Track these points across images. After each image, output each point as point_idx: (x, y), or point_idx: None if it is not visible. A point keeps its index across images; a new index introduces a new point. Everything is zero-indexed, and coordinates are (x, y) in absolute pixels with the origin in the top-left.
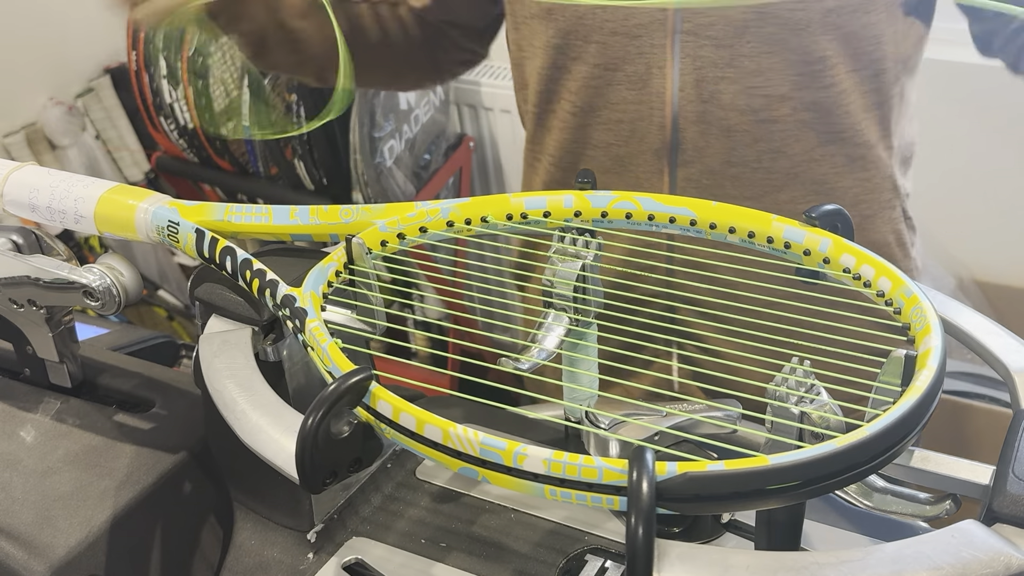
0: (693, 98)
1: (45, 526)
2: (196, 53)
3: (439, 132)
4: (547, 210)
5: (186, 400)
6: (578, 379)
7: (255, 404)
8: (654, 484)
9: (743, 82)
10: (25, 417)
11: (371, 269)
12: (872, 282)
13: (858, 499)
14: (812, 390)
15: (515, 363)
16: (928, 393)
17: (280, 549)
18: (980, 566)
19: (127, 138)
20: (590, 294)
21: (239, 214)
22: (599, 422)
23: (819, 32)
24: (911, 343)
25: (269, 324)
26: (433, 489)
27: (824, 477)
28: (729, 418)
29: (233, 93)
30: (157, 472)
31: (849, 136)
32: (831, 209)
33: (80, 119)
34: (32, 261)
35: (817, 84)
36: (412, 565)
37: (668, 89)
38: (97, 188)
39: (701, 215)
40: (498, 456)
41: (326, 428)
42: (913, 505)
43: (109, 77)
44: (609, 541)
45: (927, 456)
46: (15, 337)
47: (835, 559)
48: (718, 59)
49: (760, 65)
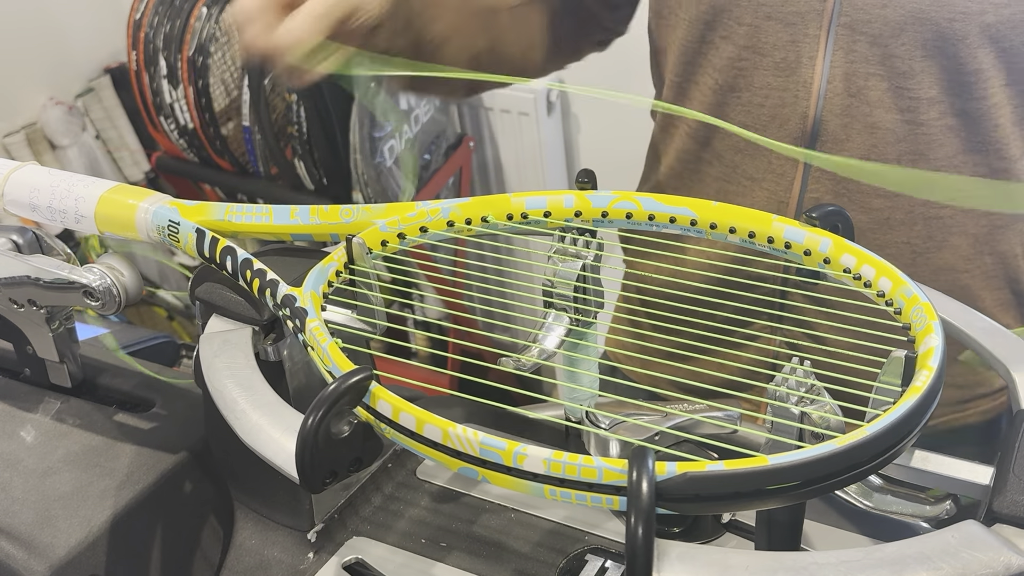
0: (841, 91)
1: (45, 526)
2: (196, 53)
3: (439, 132)
4: (547, 210)
5: (186, 400)
6: (578, 379)
7: (255, 404)
8: (654, 484)
9: (893, 81)
10: (25, 417)
11: (371, 269)
12: (872, 282)
13: (858, 499)
14: (812, 390)
15: (515, 363)
16: (928, 393)
17: (280, 549)
18: (980, 566)
19: (127, 138)
20: (590, 294)
21: (239, 214)
22: (599, 422)
23: (976, 45)
24: (911, 343)
25: (269, 324)
26: (433, 489)
27: (824, 477)
28: (729, 418)
29: (233, 93)
30: (157, 472)
31: (994, 148)
32: (831, 209)
33: (80, 119)
34: (32, 261)
35: (968, 95)
36: (412, 565)
37: (816, 80)
38: (98, 188)
39: (701, 215)
40: (498, 456)
41: (326, 428)
42: (913, 505)
43: (109, 77)
44: (609, 541)
45: (927, 456)
46: (15, 337)
47: (835, 559)
48: (871, 56)
49: (912, 68)
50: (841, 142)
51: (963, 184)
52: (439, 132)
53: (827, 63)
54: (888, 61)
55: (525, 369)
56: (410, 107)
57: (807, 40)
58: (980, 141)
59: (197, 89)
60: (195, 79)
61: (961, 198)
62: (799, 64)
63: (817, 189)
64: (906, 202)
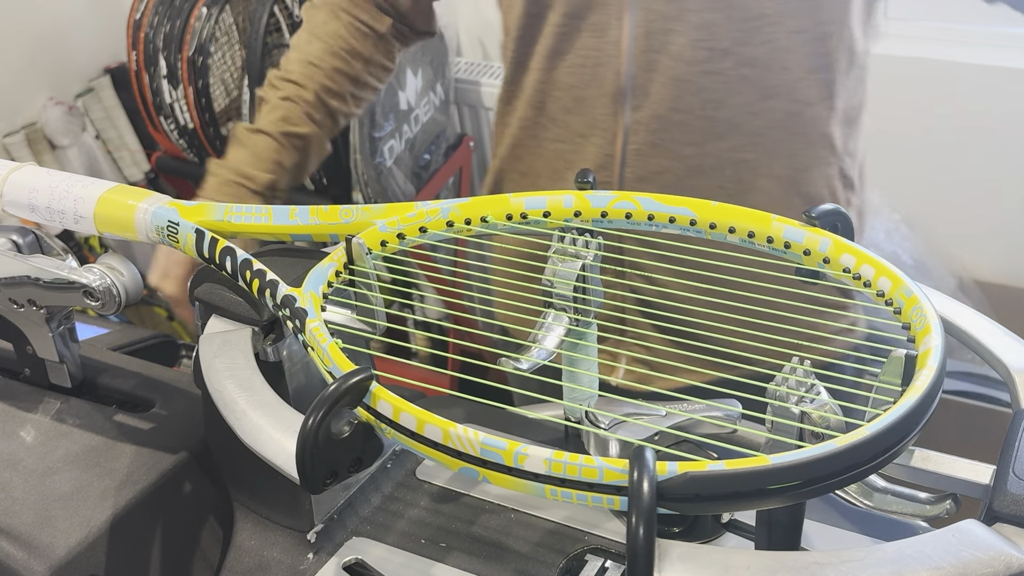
0: (644, 48)
1: (45, 526)
2: (196, 53)
3: (439, 132)
4: (547, 210)
5: (186, 400)
6: (578, 379)
7: (255, 404)
8: (655, 484)
9: (689, 35)
10: (25, 417)
11: (371, 269)
12: (872, 282)
13: (858, 499)
14: (812, 390)
15: (515, 363)
16: (928, 393)
17: (280, 549)
18: (980, 566)
19: (127, 138)
20: (590, 294)
21: (239, 214)
22: (599, 422)
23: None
24: (911, 343)
25: (269, 324)
26: (433, 489)
27: (825, 477)
28: (729, 418)
29: (233, 93)
30: (157, 472)
31: (786, 93)
32: (831, 209)
33: (80, 119)
34: (32, 261)
35: (756, 40)
36: (412, 565)
37: (624, 39)
38: (96, 188)
39: (701, 215)
40: (499, 456)
41: (326, 428)
42: (913, 505)
43: (109, 77)
44: (609, 541)
45: (927, 456)
46: (15, 337)
47: (835, 559)
48: (668, 12)
49: (705, 20)
50: (650, 95)
51: (760, 129)
52: (439, 132)
53: (632, 22)
54: (683, 16)
55: (524, 369)
56: (410, 107)
57: (613, 2)
58: (772, 86)
59: (197, 89)
60: (195, 79)
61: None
62: (609, 25)
63: (636, 141)
64: (714, 148)
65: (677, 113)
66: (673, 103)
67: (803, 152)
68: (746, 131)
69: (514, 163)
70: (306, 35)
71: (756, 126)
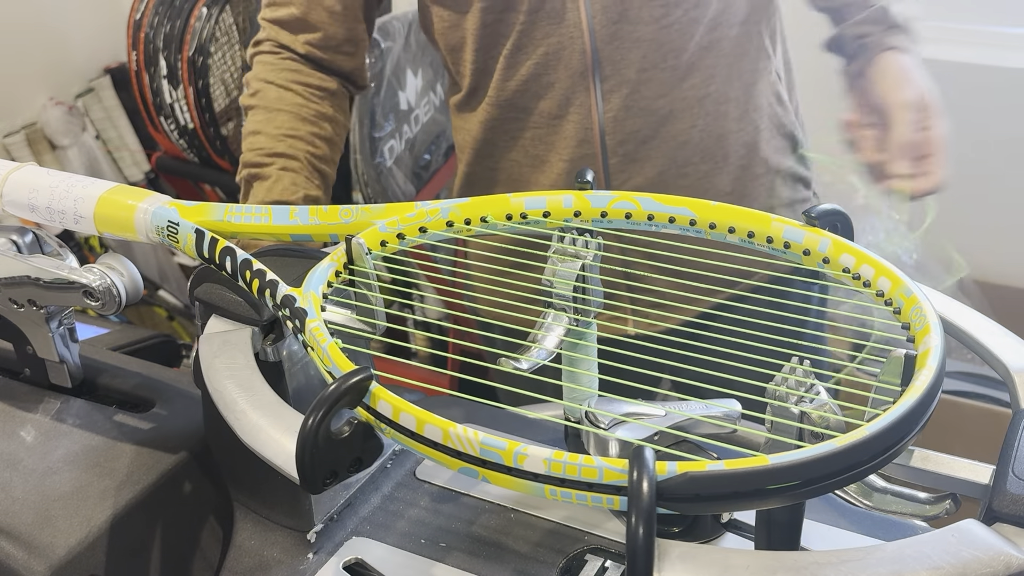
0: (604, 21)
1: (45, 526)
2: (196, 53)
3: (439, 132)
4: (547, 210)
5: (186, 400)
6: (578, 379)
7: (255, 404)
8: (654, 484)
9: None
10: (25, 417)
11: (371, 269)
12: (872, 282)
13: (858, 499)
14: (812, 390)
15: (515, 363)
16: (928, 393)
17: (280, 549)
18: (980, 565)
19: (127, 138)
20: (590, 294)
21: (239, 214)
22: (599, 422)
23: None
24: (911, 343)
25: (269, 324)
26: (433, 489)
27: (824, 477)
28: (729, 418)
29: (233, 93)
30: (157, 472)
31: (727, 18)
32: (830, 209)
33: (80, 119)
34: (32, 261)
35: None
36: (412, 565)
37: (583, 18)
38: (96, 188)
39: (701, 215)
40: (498, 456)
41: (326, 428)
42: (913, 505)
43: (109, 77)
44: (609, 541)
45: (927, 456)
46: (15, 337)
47: (835, 559)
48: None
49: None
50: (617, 63)
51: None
52: (439, 132)
53: (587, 2)
54: None
55: (524, 369)
56: (410, 107)
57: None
58: (716, 16)
59: (197, 89)
60: (195, 79)
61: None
62: (566, 10)
63: (612, 108)
64: (680, 93)
65: (644, 72)
66: (640, 63)
67: (750, 69)
68: (704, 66)
69: (484, 160)
70: (264, 115)
71: (711, 59)
